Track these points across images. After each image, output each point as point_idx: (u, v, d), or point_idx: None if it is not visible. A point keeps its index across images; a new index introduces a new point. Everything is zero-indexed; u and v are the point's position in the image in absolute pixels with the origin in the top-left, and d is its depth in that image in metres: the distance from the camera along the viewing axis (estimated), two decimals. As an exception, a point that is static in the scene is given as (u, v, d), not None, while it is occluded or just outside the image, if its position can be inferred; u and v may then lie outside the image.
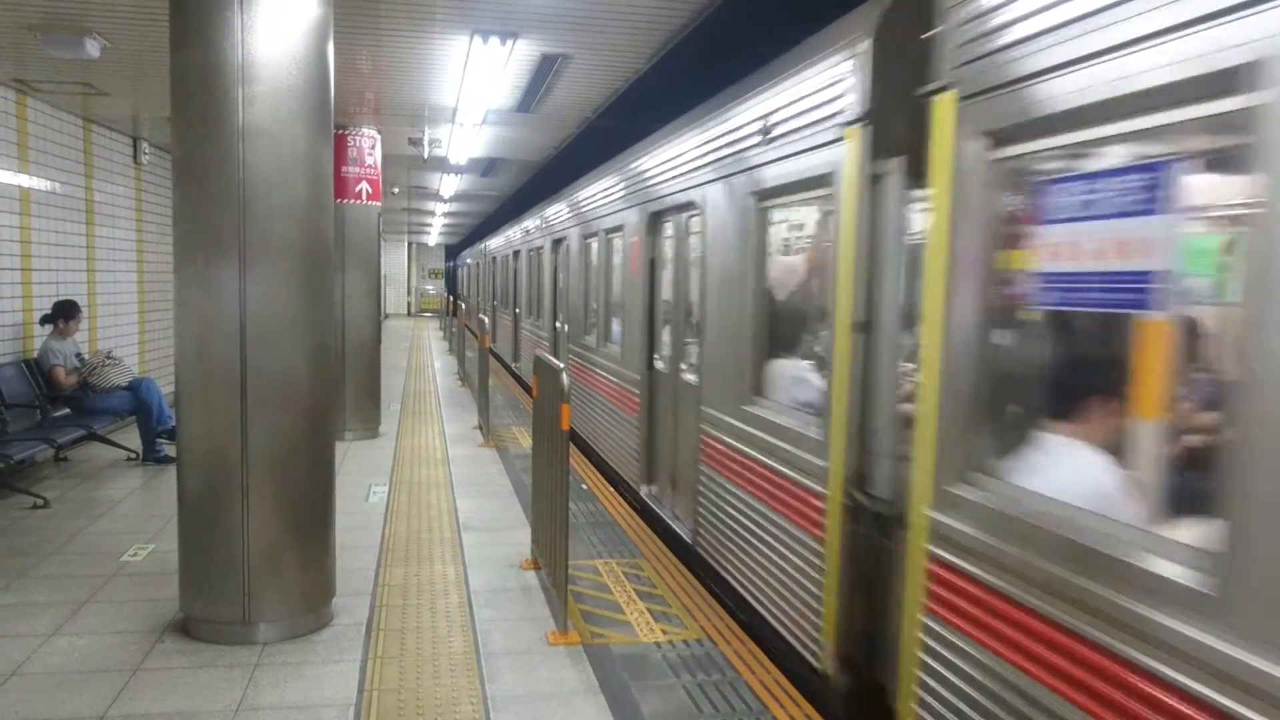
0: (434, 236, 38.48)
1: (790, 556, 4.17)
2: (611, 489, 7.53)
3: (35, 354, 8.10)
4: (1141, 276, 2.29)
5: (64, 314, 8.09)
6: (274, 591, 4.24)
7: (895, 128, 3.44)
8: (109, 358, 8.31)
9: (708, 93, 5.81)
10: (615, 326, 8.27)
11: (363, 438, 9.50)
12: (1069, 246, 2.53)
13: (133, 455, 8.20)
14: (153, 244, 11.02)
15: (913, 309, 3.28)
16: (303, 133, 4.16)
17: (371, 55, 6.80)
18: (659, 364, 6.87)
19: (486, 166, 13.77)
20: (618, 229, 7.95)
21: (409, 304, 42.15)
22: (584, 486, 7.48)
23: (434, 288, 44.85)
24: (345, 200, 9.35)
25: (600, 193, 8.77)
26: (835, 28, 4.01)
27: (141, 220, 10.78)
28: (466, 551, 5.69)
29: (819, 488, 3.89)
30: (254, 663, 4.03)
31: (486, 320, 13.57)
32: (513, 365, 15.86)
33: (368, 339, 9.85)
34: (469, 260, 31.50)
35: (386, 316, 30.08)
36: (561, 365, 4.52)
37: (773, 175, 4.47)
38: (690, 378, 5.94)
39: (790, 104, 4.25)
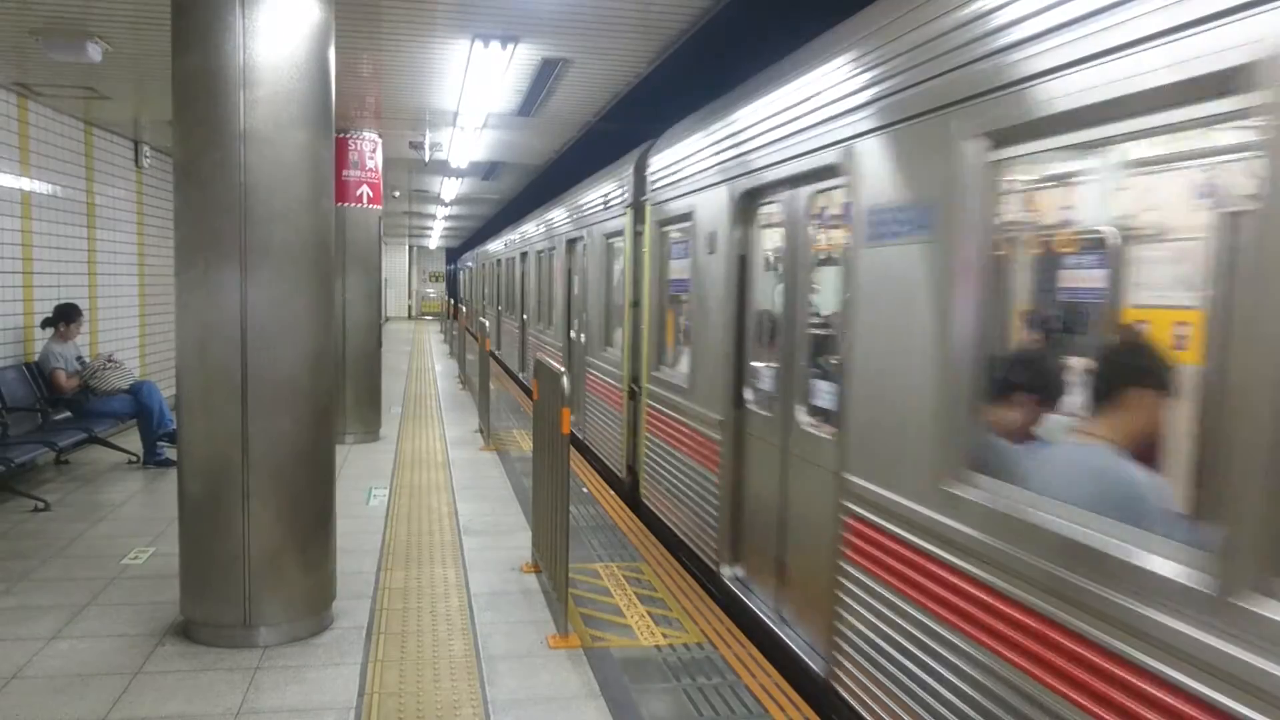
0: (435, 240, 38.53)
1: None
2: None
3: (36, 357, 8.11)
4: (682, 284, 5.82)
5: (65, 317, 8.10)
6: (274, 595, 4.25)
7: (641, 211, 7.18)
8: (110, 361, 8.31)
9: (709, 96, 5.83)
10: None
11: (363, 441, 9.50)
12: (679, 268, 6.35)
13: (133, 458, 8.20)
14: (154, 247, 11.03)
15: (656, 296, 6.81)
16: (304, 137, 4.17)
17: (373, 59, 6.82)
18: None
19: (487, 170, 13.79)
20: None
21: (410, 307, 42.17)
22: (584, 490, 7.48)
23: (435, 291, 44.87)
24: (346, 204, 9.37)
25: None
26: (623, 160, 8.01)
27: (142, 224, 10.80)
28: (467, 555, 5.69)
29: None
30: (254, 666, 4.03)
31: (487, 323, 13.20)
32: (520, 375, 15.34)
33: (368, 342, 9.85)
34: (470, 264, 31.51)
35: (387, 320, 30.11)
36: (562, 369, 4.52)
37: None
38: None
39: (604, 194, 8.63)
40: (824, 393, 4.20)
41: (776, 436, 4.61)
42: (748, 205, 4.99)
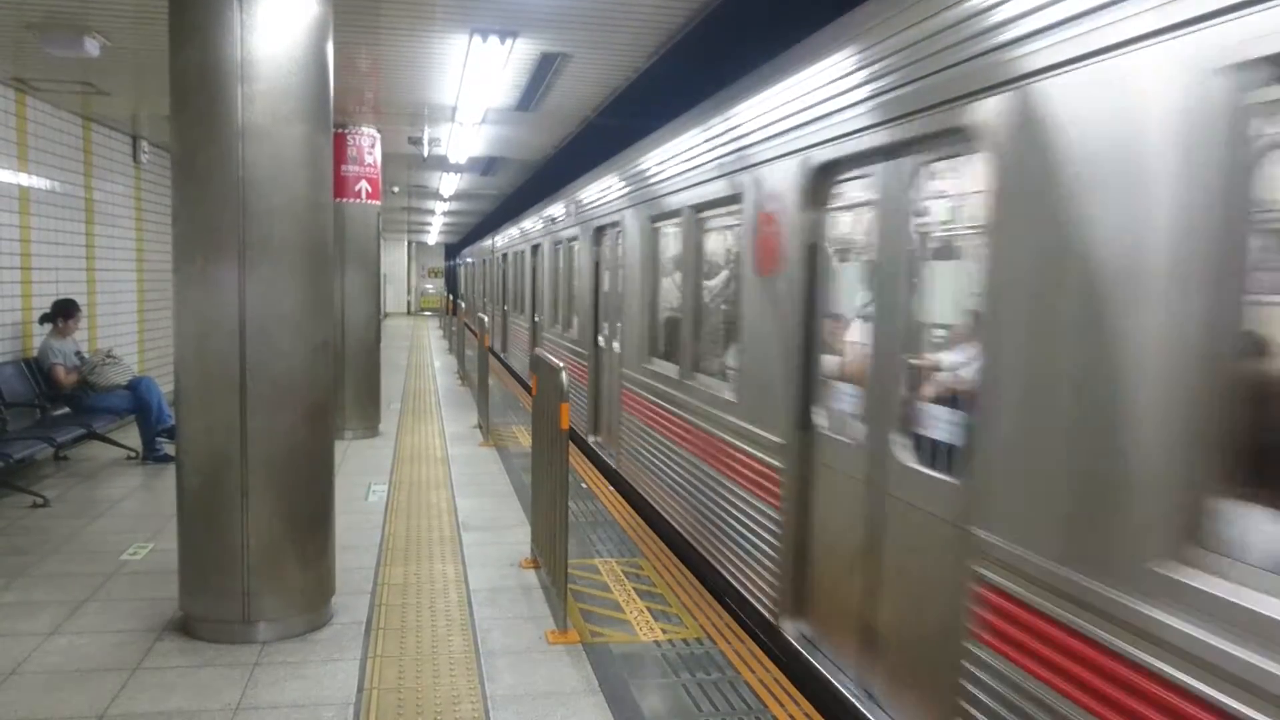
0: (434, 235, 38.50)
1: None
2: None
3: (35, 353, 8.10)
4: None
5: (63, 313, 8.09)
6: (273, 590, 4.25)
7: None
8: (109, 356, 8.30)
9: (708, 91, 5.81)
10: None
11: (362, 436, 9.50)
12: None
13: (132, 454, 8.20)
14: (152, 243, 11.02)
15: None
16: (302, 132, 4.16)
17: (371, 54, 6.80)
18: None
19: (486, 165, 13.76)
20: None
21: (409, 303, 42.15)
22: (583, 485, 7.48)
23: (434, 287, 44.84)
24: (345, 199, 9.35)
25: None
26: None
27: (141, 219, 10.78)
28: (466, 550, 5.69)
29: None
30: (253, 661, 4.03)
31: (486, 319, 12.84)
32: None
33: (367, 338, 9.85)
34: (469, 259, 31.43)
35: (386, 315, 30.08)
36: (561, 364, 4.51)
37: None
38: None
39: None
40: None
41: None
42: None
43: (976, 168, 2.92)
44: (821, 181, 4.05)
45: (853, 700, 3.66)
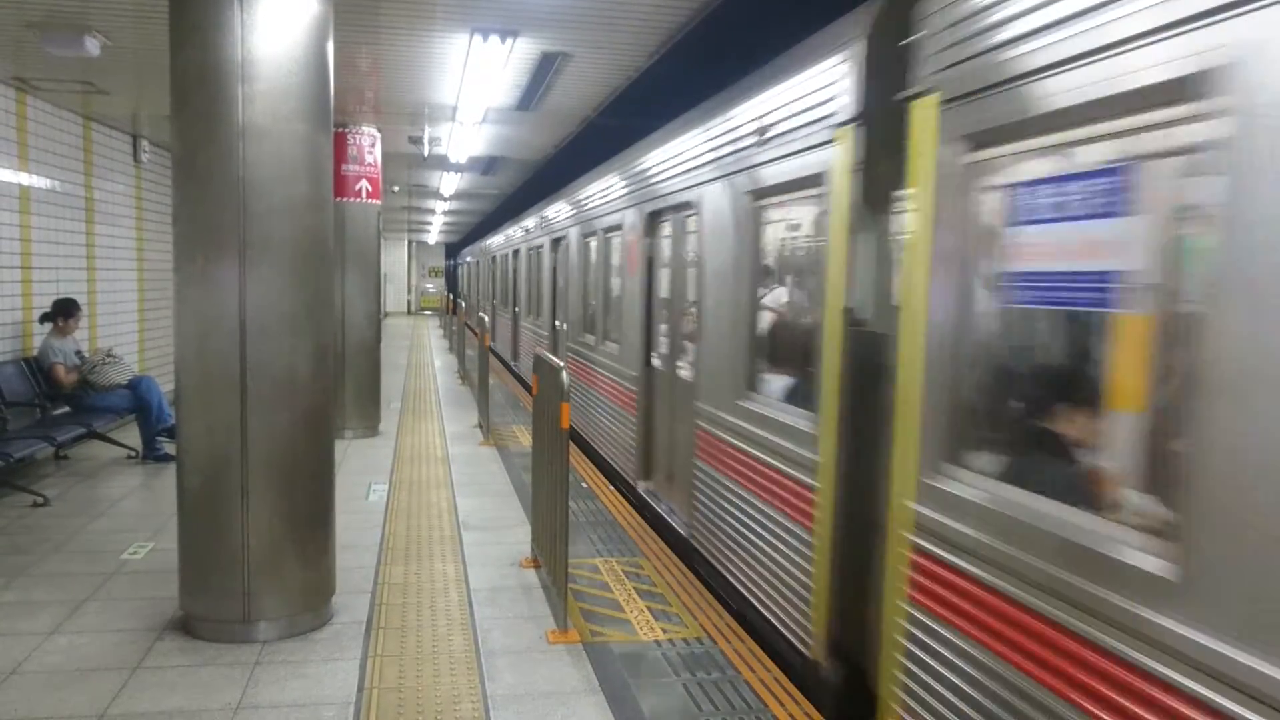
0: (434, 235, 38.49)
1: None
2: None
3: (35, 352, 8.10)
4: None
5: (64, 312, 8.09)
6: (274, 590, 4.25)
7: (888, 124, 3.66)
8: (109, 356, 8.30)
9: (709, 90, 5.81)
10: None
11: (363, 436, 9.50)
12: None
13: (133, 453, 8.20)
14: (153, 242, 11.02)
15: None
16: (303, 131, 4.16)
17: (371, 53, 6.80)
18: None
19: (487, 165, 13.76)
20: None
21: (409, 302, 42.14)
22: (584, 485, 7.48)
23: (434, 286, 44.84)
24: (345, 199, 9.35)
25: None
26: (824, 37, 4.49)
27: (141, 218, 10.78)
28: (466, 550, 5.69)
29: None
30: (254, 661, 4.03)
31: (486, 318, 12.74)
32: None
33: (368, 337, 9.85)
34: (470, 259, 31.41)
35: (386, 315, 30.09)
36: (562, 363, 4.51)
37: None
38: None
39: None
40: None
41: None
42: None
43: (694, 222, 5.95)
44: (651, 221, 7.06)
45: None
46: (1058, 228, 2.57)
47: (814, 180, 4.15)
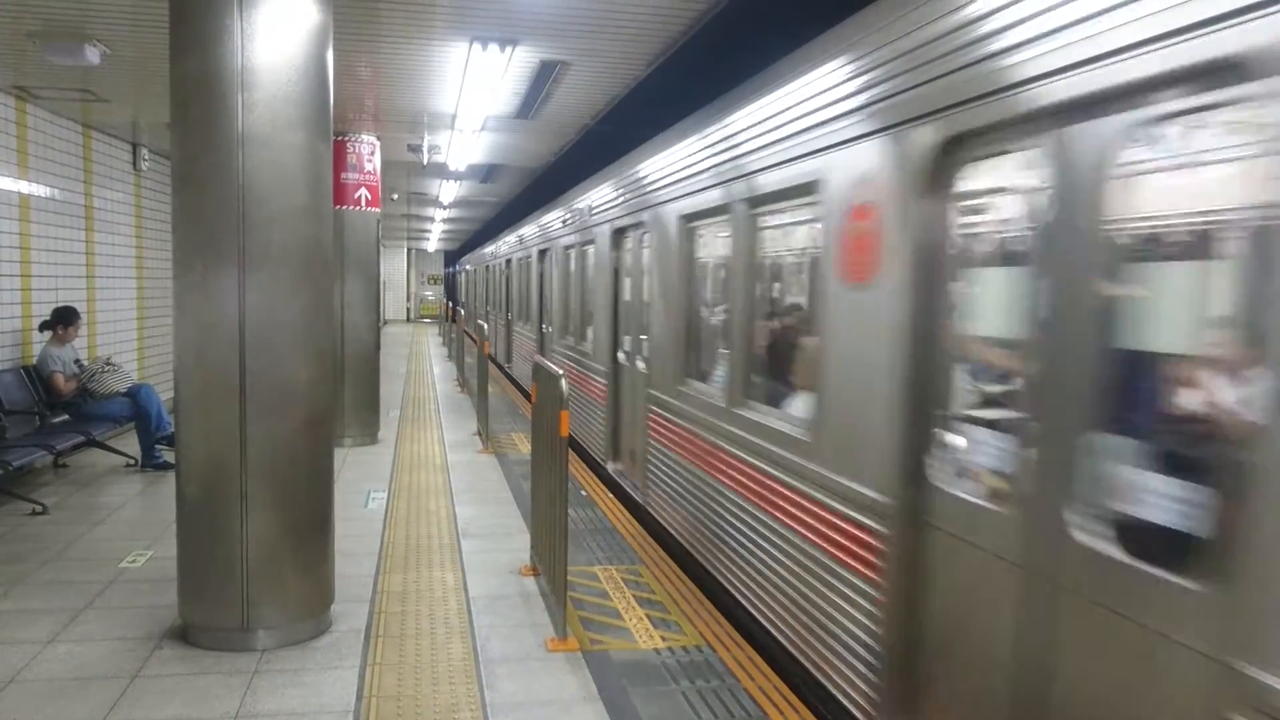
0: (433, 242, 38.52)
1: None
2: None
3: (34, 360, 8.10)
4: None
5: (63, 320, 8.09)
6: (273, 598, 4.24)
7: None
8: (108, 364, 8.31)
9: (708, 97, 5.83)
10: None
11: (362, 444, 9.50)
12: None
13: (131, 461, 8.19)
14: (152, 250, 11.02)
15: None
16: (302, 139, 4.17)
17: (371, 62, 6.82)
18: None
19: (486, 173, 13.79)
20: None
21: (408, 310, 42.17)
22: (583, 493, 7.47)
23: (433, 294, 44.87)
24: (344, 206, 9.36)
25: None
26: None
27: (141, 227, 10.79)
28: (465, 558, 5.68)
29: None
30: (253, 669, 4.02)
31: (485, 325, 12.77)
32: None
33: (367, 345, 9.85)
34: (469, 266, 31.43)
35: (385, 322, 30.08)
36: (560, 371, 4.51)
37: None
38: None
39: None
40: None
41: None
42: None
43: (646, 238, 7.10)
44: (616, 237, 8.18)
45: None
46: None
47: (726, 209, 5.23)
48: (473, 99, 7.83)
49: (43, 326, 8.08)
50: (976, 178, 3.05)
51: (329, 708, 3.70)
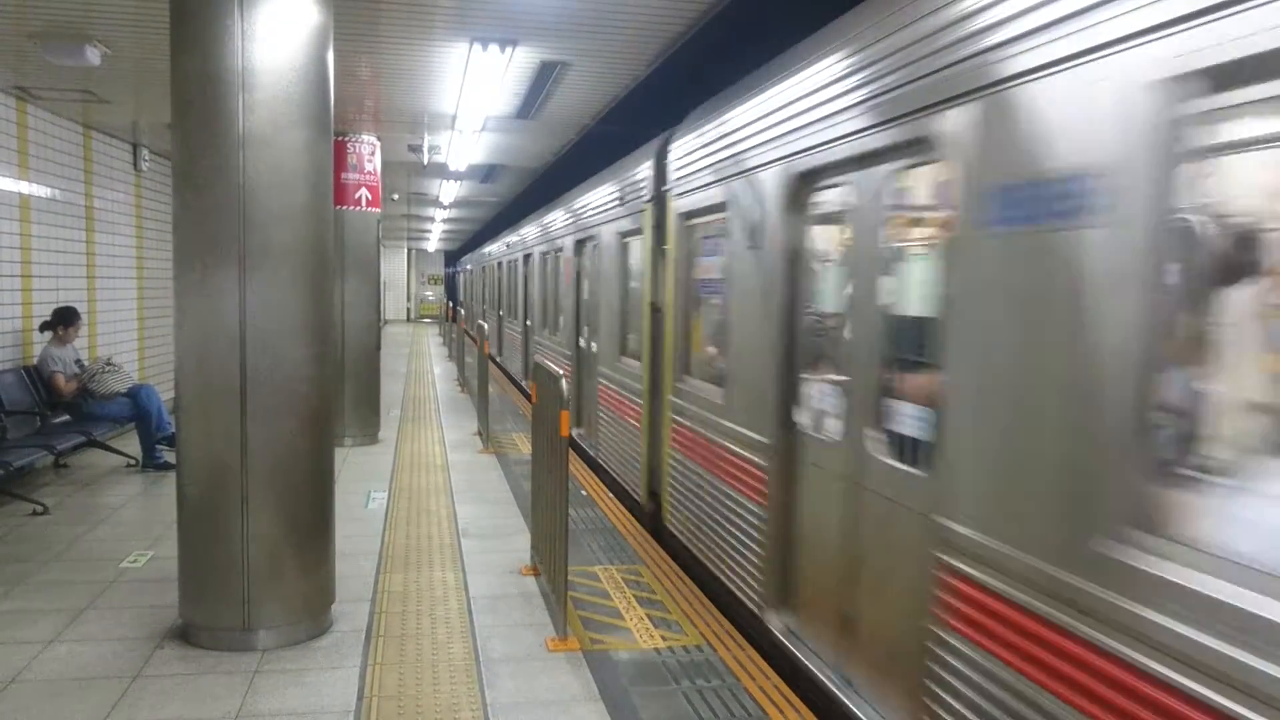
0: (433, 243, 38.52)
1: None
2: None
3: (35, 361, 8.10)
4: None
5: (63, 320, 8.10)
6: (273, 598, 4.24)
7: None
8: (108, 364, 8.31)
9: (707, 95, 5.83)
10: None
11: (362, 444, 9.50)
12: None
13: (132, 462, 8.20)
14: (152, 251, 11.03)
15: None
16: (302, 140, 4.18)
17: (371, 62, 6.82)
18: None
19: (486, 173, 13.79)
20: None
21: (408, 310, 42.17)
22: (583, 493, 7.48)
23: (433, 294, 44.87)
24: (345, 207, 9.37)
25: None
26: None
27: (141, 227, 10.80)
28: (466, 558, 5.68)
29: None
30: (253, 669, 4.02)
31: (485, 325, 13.10)
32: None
33: (367, 345, 9.85)
34: (469, 266, 31.43)
35: (386, 322, 30.08)
36: (560, 372, 4.51)
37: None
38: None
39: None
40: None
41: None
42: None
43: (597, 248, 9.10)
44: (578, 246, 9.88)
45: None
46: (710, 259, 5.77)
47: (639, 230, 7.31)
48: (473, 99, 7.83)
49: (43, 327, 8.09)
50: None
51: (330, 707, 3.70)
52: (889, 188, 3.54)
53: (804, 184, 4.25)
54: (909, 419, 3.43)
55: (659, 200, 6.64)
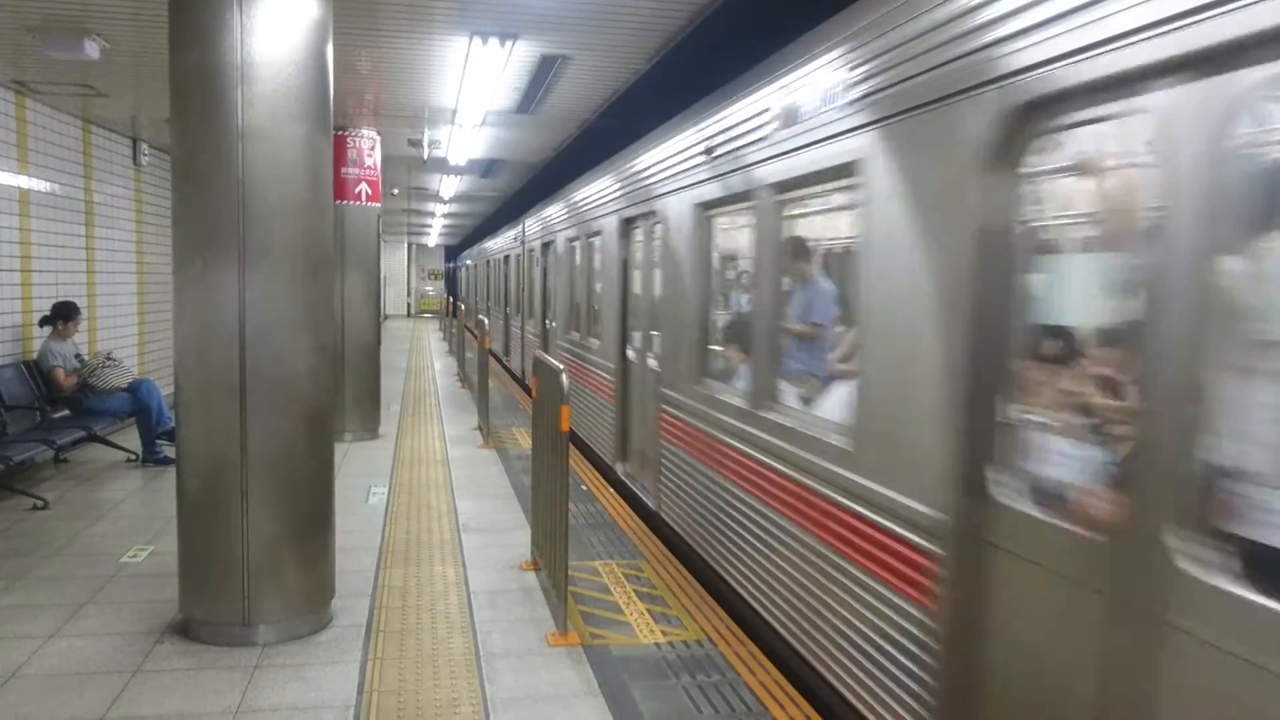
0: (434, 237, 38.48)
1: None
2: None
3: (35, 355, 8.10)
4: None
5: (63, 315, 8.09)
6: (273, 593, 4.24)
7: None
8: (108, 359, 8.30)
9: (706, 91, 5.81)
10: None
11: (362, 439, 9.50)
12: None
13: (132, 457, 8.19)
14: (152, 245, 11.02)
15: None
16: (302, 134, 4.16)
17: (371, 56, 6.80)
18: None
19: (486, 167, 13.77)
20: None
21: (409, 305, 42.14)
22: (583, 487, 7.48)
23: (434, 289, 44.85)
24: (345, 201, 9.36)
25: None
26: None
27: (141, 221, 10.79)
28: (466, 553, 5.68)
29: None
30: (253, 664, 4.02)
31: (486, 320, 13.24)
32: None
33: (367, 340, 9.85)
34: (469, 261, 31.41)
35: (386, 317, 30.08)
36: (560, 366, 4.51)
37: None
38: None
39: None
40: None
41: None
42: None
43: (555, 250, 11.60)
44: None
45: None
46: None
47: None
48: (473, 93, 7.81)
49: (43, 322, 8.08)
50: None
51: (330, 702, 3.70)
52: None
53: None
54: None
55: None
